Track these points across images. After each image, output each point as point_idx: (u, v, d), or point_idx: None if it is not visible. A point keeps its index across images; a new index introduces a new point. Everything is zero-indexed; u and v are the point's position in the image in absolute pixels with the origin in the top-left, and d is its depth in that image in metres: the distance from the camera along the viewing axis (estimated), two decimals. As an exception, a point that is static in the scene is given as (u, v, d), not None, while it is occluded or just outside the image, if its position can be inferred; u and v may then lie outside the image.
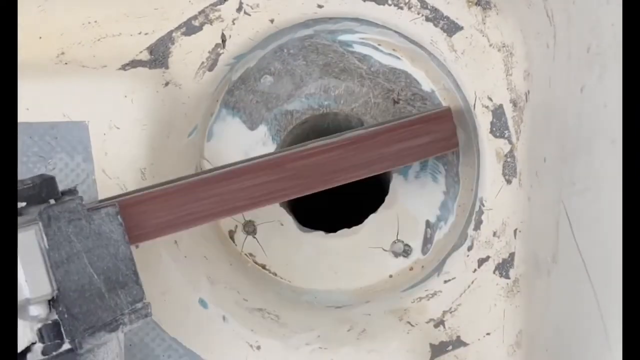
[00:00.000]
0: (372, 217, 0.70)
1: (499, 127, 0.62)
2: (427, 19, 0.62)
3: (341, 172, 0.60)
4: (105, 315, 0.43)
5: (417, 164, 0.69)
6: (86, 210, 0.45)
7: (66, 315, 0.42)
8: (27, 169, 0.59)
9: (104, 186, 0.60)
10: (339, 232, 0.71)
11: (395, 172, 0.70)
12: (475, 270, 0.64)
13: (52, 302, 0.43)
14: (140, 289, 0.47)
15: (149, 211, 0.52)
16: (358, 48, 0.69)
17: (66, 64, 0.62)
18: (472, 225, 0.64)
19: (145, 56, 0.63)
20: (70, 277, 0.43)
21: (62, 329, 0.43)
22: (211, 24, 0.64)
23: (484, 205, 0.63)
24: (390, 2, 0.63)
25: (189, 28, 0.63)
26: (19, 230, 0.41)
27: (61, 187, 0.48)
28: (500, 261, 0.63)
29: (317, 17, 0.65)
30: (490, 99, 0.62)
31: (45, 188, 0.46)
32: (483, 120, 0.62)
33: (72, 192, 0.49)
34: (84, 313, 0.43)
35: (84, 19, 0.62)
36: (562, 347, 0.52)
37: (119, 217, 0.46)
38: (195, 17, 0.63)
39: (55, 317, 0.43)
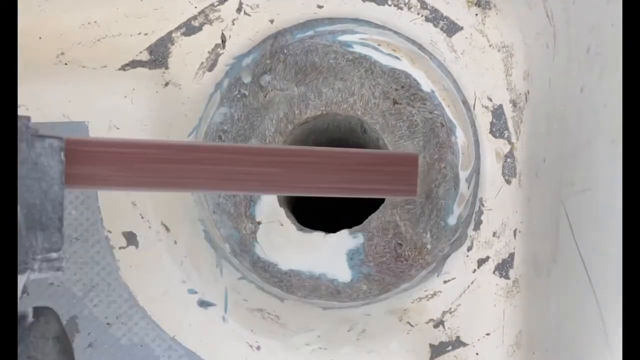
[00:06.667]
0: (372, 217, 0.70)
1: (498, 127, 0.62)
2: (427, 19, 0.62)
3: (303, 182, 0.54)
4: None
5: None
6: (30, 135, 0.38)
7: None
8: (27, 169, 0.59)
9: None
10: (339, 232, 0.71)
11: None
12: (474, 270, 0.64)
13: None
14: (61, 238, 0.40)
15: (102, 158, 0.44)
16: (358, 48, 0.69)
17: (66, 64, 0.62)
18: (471, 226, 0.64)
19: (145, 56, 0.63)
20: None
21: None
22: (211, 24, 0.64)
23: (483, 206, 0.63)
24: (390, 2, 0.63)
25: (189, 28, 0.63)
26: None
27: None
28: (500, 261, 0.63)
29: (317, 17, 0.65)
30: (490, 99, 0.62)
31: None
32: (483, 120, 0.63)
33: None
34: None
35: (84, 19, 0.62)
36: (562, 347, 0.52)
37: (61, 153, 0.40)
38: (195, 18, 0.63)
39: None
